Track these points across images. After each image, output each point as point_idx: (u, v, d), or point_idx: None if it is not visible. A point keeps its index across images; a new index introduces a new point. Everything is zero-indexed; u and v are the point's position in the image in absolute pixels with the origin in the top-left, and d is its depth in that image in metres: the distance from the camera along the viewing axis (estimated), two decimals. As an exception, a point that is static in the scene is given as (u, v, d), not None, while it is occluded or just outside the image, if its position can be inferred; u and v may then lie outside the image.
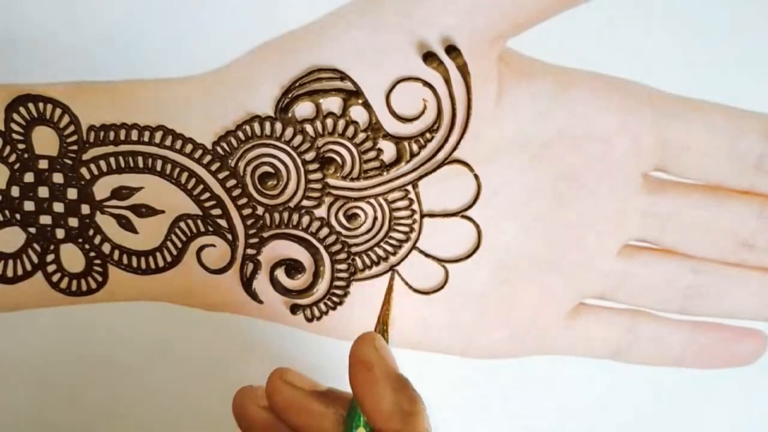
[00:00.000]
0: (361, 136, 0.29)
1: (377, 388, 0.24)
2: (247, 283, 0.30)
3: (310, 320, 0.31)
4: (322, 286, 0.30)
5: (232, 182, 0.29)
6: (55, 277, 0.30)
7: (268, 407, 0.27)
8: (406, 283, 0.31)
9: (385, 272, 0.30)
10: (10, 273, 0.30)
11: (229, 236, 0.30)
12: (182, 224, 0.30)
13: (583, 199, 0.31)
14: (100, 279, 0.30)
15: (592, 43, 0.32)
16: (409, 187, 0.29)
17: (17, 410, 0.33)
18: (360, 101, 0.28)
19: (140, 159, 0.29)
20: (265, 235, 0.30)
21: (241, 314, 0.31)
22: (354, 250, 0.30)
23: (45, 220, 0.30)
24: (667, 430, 0.37)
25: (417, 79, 0.28)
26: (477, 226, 0.30)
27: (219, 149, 0.29)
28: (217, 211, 0.30)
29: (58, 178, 0.29)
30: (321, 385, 0.27)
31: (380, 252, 0.30)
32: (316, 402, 0.26)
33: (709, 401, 0.36)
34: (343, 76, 0.28)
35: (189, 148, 0.29)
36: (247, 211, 0.30)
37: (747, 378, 0.34)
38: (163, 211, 0.30)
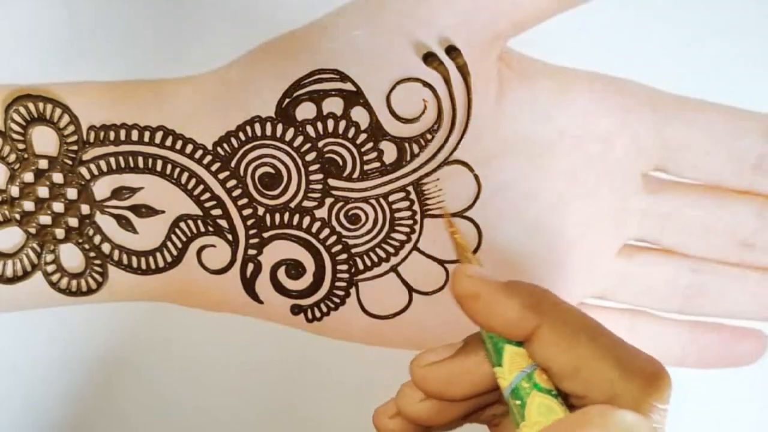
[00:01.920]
0: (362, 136, 0.29)
1: (496, 307, 0.24)
2: (247, 284, 0.30)
3: (310, 321, 0.31)
4: (322, 287, 0.30)
5: (232, 183, 0.29)
6: (55, 277, 0.30)
7: (426, 398, 0.26)
8: (406, 283, 0.31)
9: (386, 272, 0.30)
10: (9, 273, 0.30)
11: (230, 237, 0.30)
12: (182, 224, 0.30)
13: (583, 199, 0.31)
14: (99, 279, 0.30)
15: (592, 43, 0.32)
16: (410, 188, 0.29)
17: (17, 410, 0.33)
18: (360, 102, 0.28)
19: (140, 159, 0.29)
20: (266, 235, 0.30)
21: (241, 315, 0.31)
22: (355, 250, 0.30)
23: (45, 220, 0.30)
24: (666, 430, 0.37)
25: (417, 79, 0.28)
26: (477, 226, 0.30)
27: (220, 150, 0.29)
28: (217, 212, 0.29)
29: (57, 177, 0.29)
30: (455, 344, 0.26)
31: (381, 252, 0.30)
32: (464, 358, 0.25)
33: (709, 401, 0.36)
34: (344, 77, 0.28)
35: (189, 148, 0.29)
36: (247, 212, 0.30)
37: (747, 378, 0.34)
38: (163, 212, 0.30)
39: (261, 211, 0.30)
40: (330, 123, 0.28)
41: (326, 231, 0.30)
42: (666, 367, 0.23)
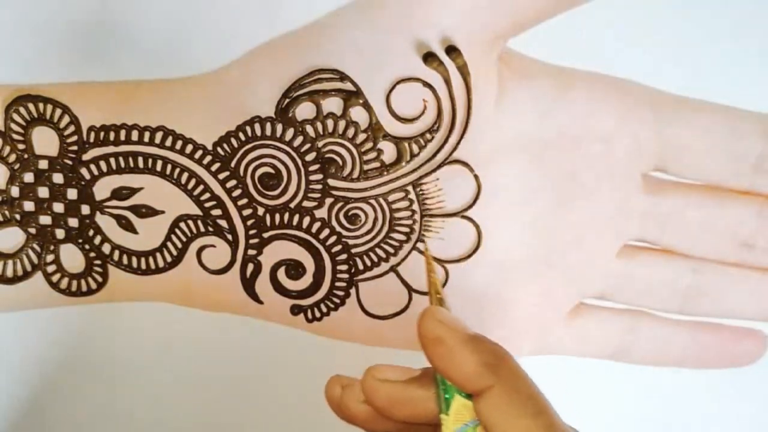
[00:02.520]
0: (362, 136, 0.29)
1: (455, 357, 0.24)
2: (247, 284, 0.30)
3: (310, 321, 0.31)
4: (322, 287, 0.30)
5: (232, 183, 0.29)
6: (55, 278, 0.30)
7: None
8: (406, 284, 0.31)
9: (386, 272, 0.30)
10: (9, 273, 0.30)
11: (230, 237, 0.30)
12: (182, 225, 0.30)
13: (583, 199, 0.31)
14: (100, 279, 0.30)
15: (592, 43, 0.31)
16: (410, 188, 0.29)
17: (17, 410, 0.33)
18: (360, 102, 0.28)
19: (140, 159, 0.29)
20: (266, 235, 0.30)
21: (241, 315, 0.31)
22: (354, 250, 0.30)
23: (45, 220, 0.30)
24: (667, 430, 0.37)
25: (417, 79, 0.28)
26: (477, 226, 0.30)
27: (219, 150, 0.29)
28: (217, 212, 0.29)
29: (58, 178, 0.29)
30: (413, 370, 0.26)
31: (381, 252, 0.30)
32: (416, 388, 0.26)
33: (709, 401, 0.36)
34: (343, 77, 0.28)
35: (189, 148, 0.29)
36: (247, 212, 0.30)
37: (747, 378, 0.34)
38: (163, 212, 0.30)
39: (261, 211, 0.30)
40: (330, 123, 0.28)
41: (326, 231, 0.30)
42: None
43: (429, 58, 0.27)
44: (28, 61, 0.29)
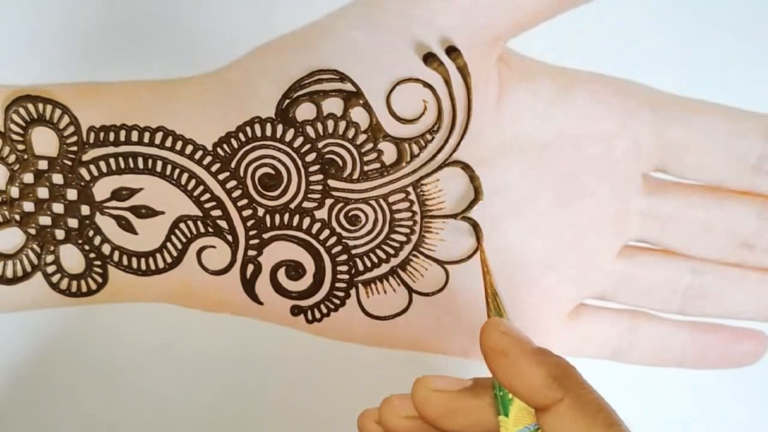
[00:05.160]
0: (362, 137, 0.29)
1: (521, 370, 0.24)
2: (247, 285, 0.30)
3: (310, 322, 0.31)
4: (322, 288, 0.30)
5: (232, 183, 0.29)
6: (55, 278, 0.30)
7: (414, 417, 0.26)
8: (406, 284, 0.31)
9: (387, 272, 0.30)
10: (9, 274, 0.30)
11: (230, 237, 0.30)
12: (182, 225, 0.30)
13: (584, 200, 0.31)
14: (99, 280, 0.30)
15: (592, 43, 0.31)
16: (410, 189, 0.29)
17: (17, 410, 0.33)
18: (360, 102, 0.28)
19: (140, 160, 0.29)
20: (266, 236, 0.30)
21: (241, 315, 0.31)
22: (355, 251, 0.30)
23: (45, 220, 0.30)
24: (667, 430, 0.37)
25: (417, 80, 0.28)
26: (477, 226, 0.30)
27: (219, 150, 0.29)
28: (217, 213, 0.29)
29: (57, 178, 0.29)
30: (465, 380, 0.26)
31: (381, 253, 0.30)
32: (470, 398, 0.25)
33: (709, 401, 0.36)
34: (344, 78, 0.28)
35: (189, 149, 0.29)
36: (247, 213, 0.30)
37: (747, 378, 0.34)
38: (163, 212, 0.30)
39: (261, 211, 0.30)
40: (330, 124, 0.28)
41: (326, 232, 0.30)
42: None
43: (429, 58, 0.27)
44: (27, 61, 0.29)
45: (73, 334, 0.33)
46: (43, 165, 0.29)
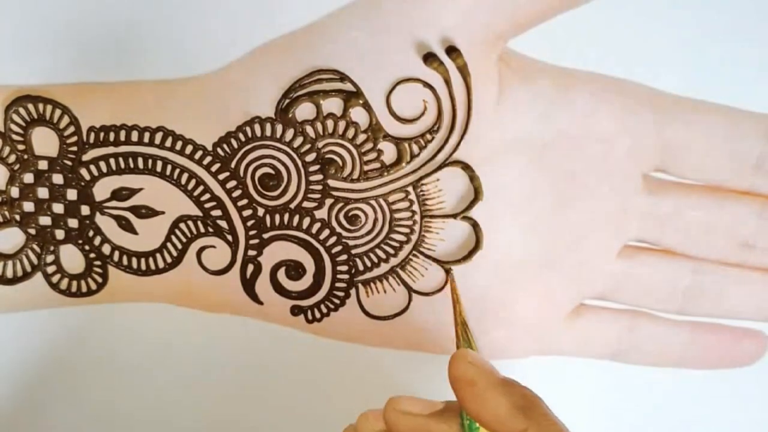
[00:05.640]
0: (362, 137, 0.29)
1: (487, 399, 0.24)
2: (247, 285, 0.30)
3: (310, 322, 0.31)
4: (322, 288, 0.30)
5: (232, 183, 0.29)
6: (55, 278, 0.30)
7: None
8: (407, 285, 0.31)
9: (387, 272, 0.30)
10: (9, 274, 0.30)
11: (230, 237, 0.30)
12: (182, 225, 0.30)
13: (584, 200, 0.31)
14: (100, 280, 0.30)
15: (592, 43, 0.31)
16: (410, 188, 0.29)
17: (17, 410, 0.33)
18: (360, 102, 0.28)
19: (140, 160, 0.29)
20: (266, 236, 0.30)
21: (241, 315, 0.31)
22: (354, 251, 0.30)
23: (45, 221, 0.30)
24: (667, 430, 0.37)
25: (417, 80, 0.28)
26: (477, 227, 0.30)
27: (219, 150, 0.29)
28: (217, 213, 0.29)
29: (57, 178, 0.29)
30: (437, 403, 0.27)
31: (381, 253, 0.30)
32: (437, 423, 0.26)
33: (710, 401, 0.36)
34: (344, 77, 0.28)
35: (189, 149, 0.29)
36: (247, 213, 0.30)
37: (747, 378, 0.34)
38: (163, 212, 0.30)
39: (261, 211, 0.30)
40: (330, 123, 0.28)
41: (326, 232, 0.30)
42: None
43: (429, 58, 0.27)
44: (27, 61, 0.29)
45: (73, 334, 0.33)
46: (43, 165, 0.29)
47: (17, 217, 0.30)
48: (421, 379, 0.33)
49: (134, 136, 0.29)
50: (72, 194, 0.29)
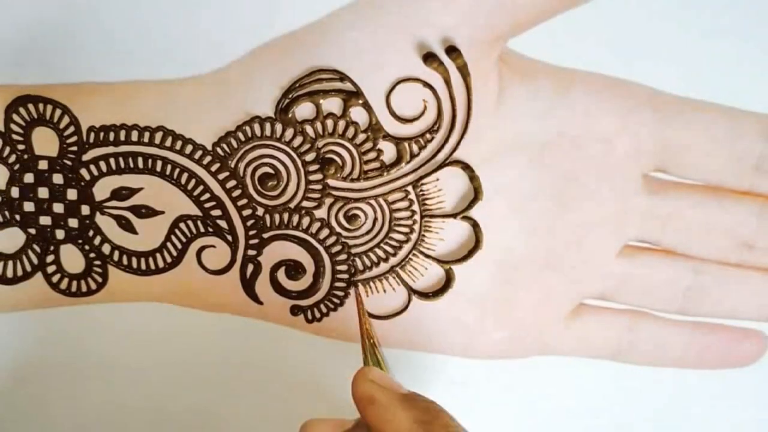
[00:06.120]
0: (361, 136, 0.29)
1: (389, 415, 0.25)
2: (247, 284, 0.30)
3: (310, 321, 0.31)
4: (322, 288, 0.30)
5: (232, 183, 0.29)
6: (55, 278, 0.30)
7: None
8: (406, 284, 0.31)
9: (387, 272, 0.30)
10: (10, 274, 0.30)
11: (230, 237, 0.30)
12: (182, 225, 0.30)
13: (584, 200, 0.31)
14: (100, 280, 0.30)
15: (592, 43, 0.31)
16: (410, 188, 0.29)
17: (17, 410, 0.33)
18: (360, 102, 0.28)
19: (140, 160, 0.29)
20: (266, 236, 0.30)
21: (241, 315, 0.31)
22: (354, 251, 0.30)
23: (45, 220, 0.30)
24: (667, 430, 0.37)
25: (417, 79, 0.28)
26: (477, 226, 0.30)
27: (219, 150, 0.29)
28: (217, 212, 0.30)
29: (57, 178, 0.29)
30: (347, 421, 0.27)
31: (380, 253, 0.30)
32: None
33: (710, 401, 0.36)
34: (343, 77, 0.28)
35: (189, 148, 0.29)
36: (247, 212, 0.30)
37: (747, 378, 0.34)
38: (163, 212, 0.30)
39: (260, 211, 0.30)
40: (329, 123, 0.28)
41: (325, 231, 0.30)
42: None
43: (429, 58, 0.28)
44: (27, 61, 0.29)
45: (73, 334, 0.33)
46: (43, 165, 0.29)
47: (17, 217, 0.30)
48: (421, 378, 0.33)
49: (134, 135, 0.29)
50: (72, 194, 0.29)
